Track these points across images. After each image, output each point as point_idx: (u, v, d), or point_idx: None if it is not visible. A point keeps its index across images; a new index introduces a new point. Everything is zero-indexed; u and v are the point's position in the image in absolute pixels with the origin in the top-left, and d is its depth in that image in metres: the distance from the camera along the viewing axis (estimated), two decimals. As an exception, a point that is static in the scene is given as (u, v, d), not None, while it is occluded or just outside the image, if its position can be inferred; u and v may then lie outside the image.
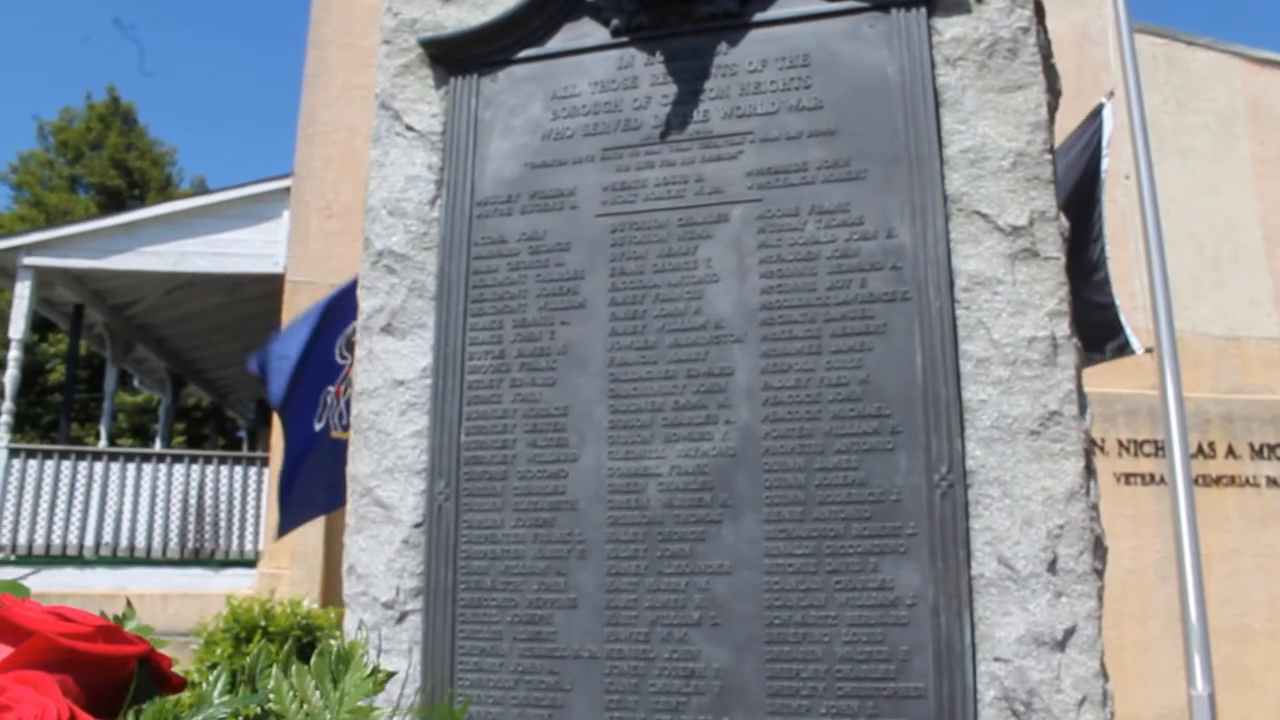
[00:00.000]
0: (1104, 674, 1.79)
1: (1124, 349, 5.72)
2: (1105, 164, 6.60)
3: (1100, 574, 1.84)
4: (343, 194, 9.47)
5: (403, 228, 2.23)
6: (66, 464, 10.76)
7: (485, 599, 1.97)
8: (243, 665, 0.61)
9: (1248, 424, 8.86)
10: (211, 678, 0.58)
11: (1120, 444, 8.07)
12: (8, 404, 10.85)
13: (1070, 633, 1.78)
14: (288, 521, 5.60)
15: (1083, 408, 1.89)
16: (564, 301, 2.06)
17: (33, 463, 10.69)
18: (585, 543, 1.93)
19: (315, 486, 5.43)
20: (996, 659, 1.77)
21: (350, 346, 5.40)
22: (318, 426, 5.40)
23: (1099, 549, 1.84)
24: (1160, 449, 7.72)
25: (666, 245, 2.03)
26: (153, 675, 0.56)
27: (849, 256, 1.94)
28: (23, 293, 10.95)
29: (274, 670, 0.56)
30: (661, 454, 1.93)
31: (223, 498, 10.81)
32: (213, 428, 21.50)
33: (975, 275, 1.91)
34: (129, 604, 0.74)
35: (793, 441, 1.88)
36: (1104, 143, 6.51)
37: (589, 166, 2.11)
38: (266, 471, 10.40)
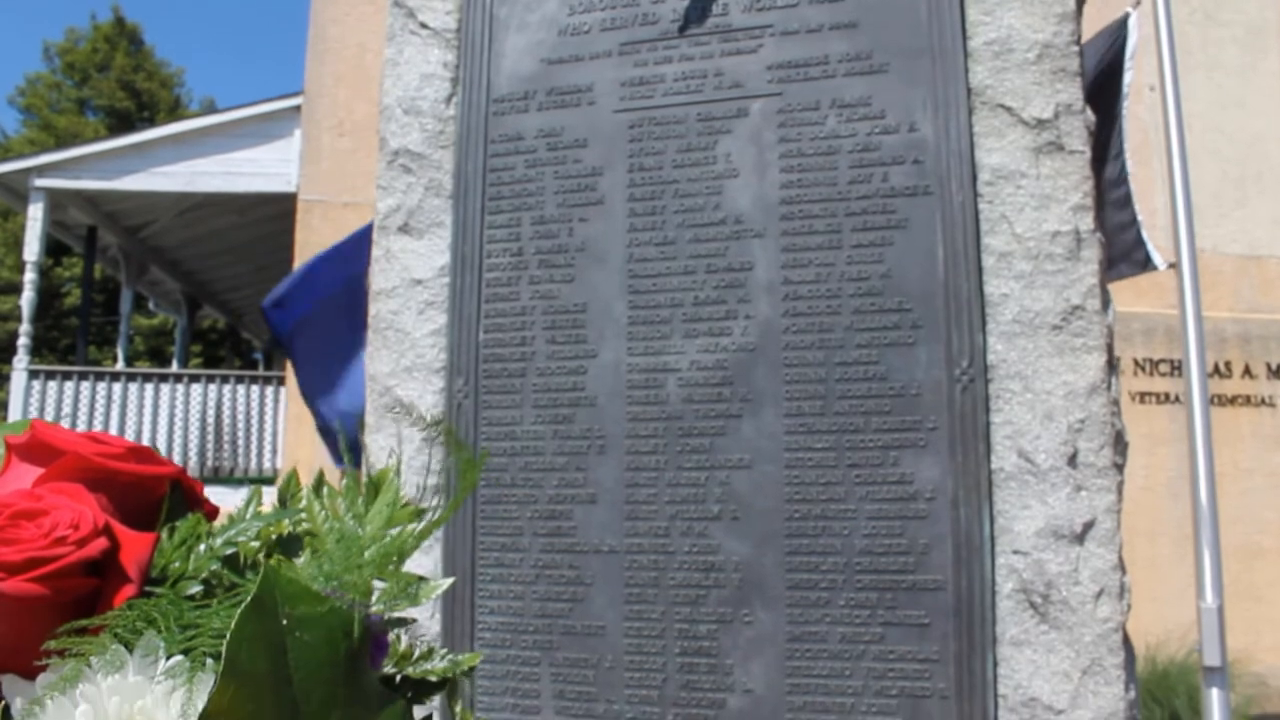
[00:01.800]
0: (1121, 567, 1.80)
1: (1146, 264, 5.66)
2: (1129, 78, 6.47)
3: (1120, 469, 1.84)
4: (355, 112, 9.38)
5: (418, 126, 2.20)
6: (85, 385, 10.85)
7: (505, 495, 1.98)
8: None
9: (1265, 344, 8.80)
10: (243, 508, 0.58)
11: (1136, 363, 8.04)
12: (25, 326, 10.91)
13: (1089, 526, 1.78)
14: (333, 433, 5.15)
15: (1105, 303, 1.87)
16: (582, 198, 2.04)
17: (52, 384, 10.78)
18: (605, 438, 1.93)
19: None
20: (1015, 552, 1.78)
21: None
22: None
23: (1119, 444, 1.84)
24: (1176, 368, 7.69)
25: (685, 141, 2.00)
26: (184, 499, 0.56)
27: (870, 151, 1.91)
28: (36, 215, 10.94)
29: (305, 493, 0.56)
30: (681, 349, 1.92)
31: (240, 417, 10.90)
32: (229, 349, 21.59)
33: (998, 169, 1.89)
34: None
35: (813, 336, 1.87)
36: (1128, 55, 6.37)
37: (606, 62, 2.08)
38: (283, 390, 10.46)
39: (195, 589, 0.49)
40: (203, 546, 0.51)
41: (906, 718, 1.76)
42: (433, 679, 0.54)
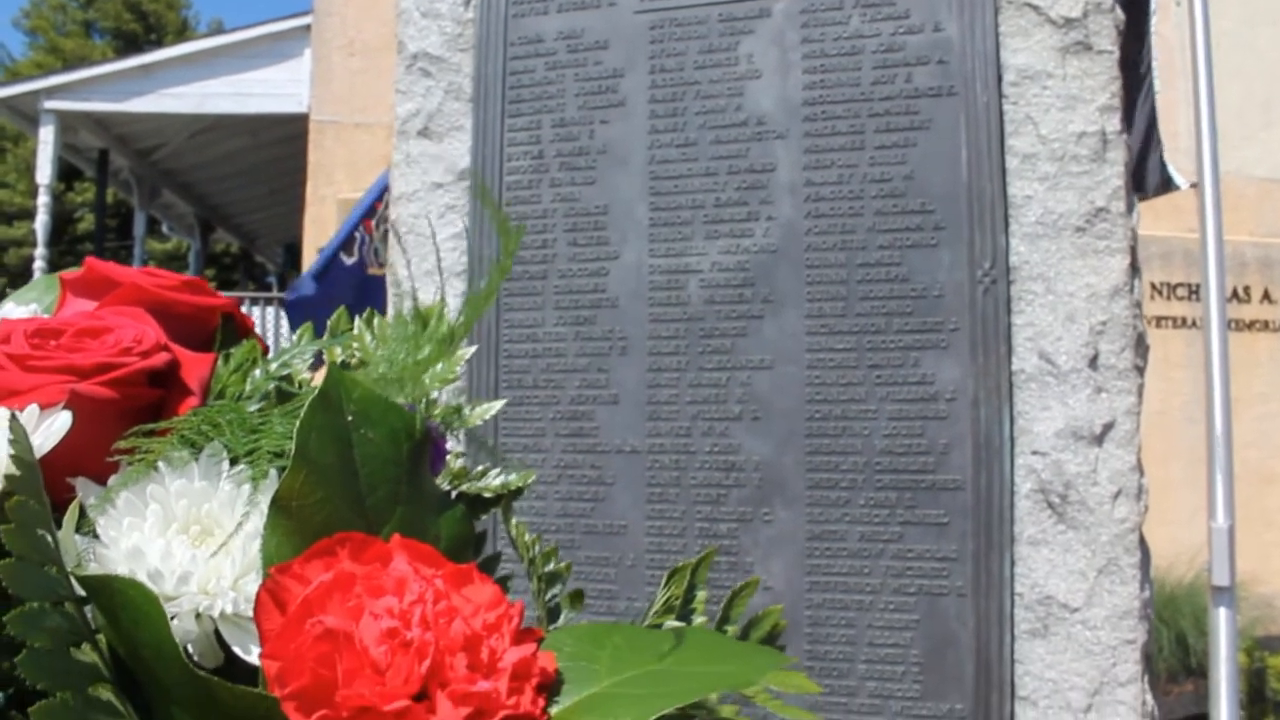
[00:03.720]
0: (1140, 469, 1.81)
1: (1168, 185, 5.59)
2: (1157, -8, 6.32)
3: (1141, 371, 1.84)
4: (365, 32, 9.27)
5: (437, 29, 2.18)
6: (100, 308, 10.86)
7: (527, 396, 2.00)
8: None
9: (1286, 269, 8.72)
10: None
11: (1153, 287, 7.99)
12: (41, 250, 10.92)
13: (1109, 427, 1.79)
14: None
15: (1130, 206, 1.86)
16: (603, 100, 2.02)
17: (67, 306, 10.80)
18: (626, 339, 1.94)
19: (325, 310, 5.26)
20: (1034, 452, 1.79)
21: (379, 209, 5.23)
22: (349, 261, 5.35)
23: (1140, 346, 1.84)
24: (1194, 292, 7.63)
25: (707, 41, 1.98)
26: (236, 331, 0.58)
27: (894, 51, 1.89)
28: (47, 138, 10.89)
29: (356, 325, 0.57)
30: (702, 251, 1.92)
31: (255, 340, 10.92)
32: (242, 273, 21.62)
33: (1024, 69, 1.86)
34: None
35: (835, 237, 1.87)
36: (1156, -33, 6.23)
37: (627, -39, 2.05)
38: (297, 314, 10.48)
39: (254, 409, 0.50)
40: (258, 371, 0.53)
41: (924, 615, 1.79)
42: (487, 495, 0.56)
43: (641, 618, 0.54)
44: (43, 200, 11.04)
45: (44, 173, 10.96)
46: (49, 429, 0.43)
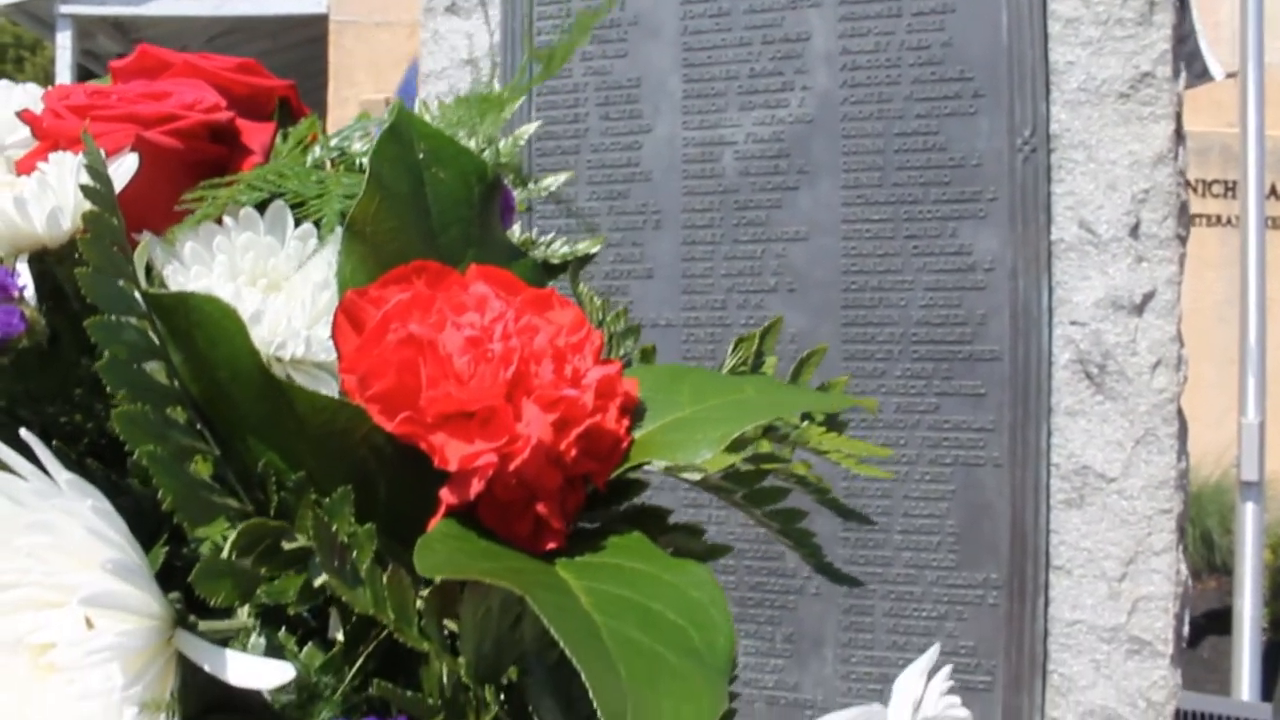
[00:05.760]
0: (1179, 339, 1.79)
1: (1203, 76, 5.46)
2: None
3: (1183, 240, 1.81)
4: (383, -69, 9.08)
5: (462, -99, 2.13)
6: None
7: (560, 274, 1.99)
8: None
9: (1325, 167, 8.54)
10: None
11: (1188, 184, 7.84)
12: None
13: (1149, 297, 1.77)
14: None
15: (1176, 71, 1.81)
16: (633, -30, 1.98)
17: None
18: (660, 213, 1.92)
19: None
20: (1073, 322, 1.78)
21: None
22: None
23: (1183, 214, 1.81)
24: (1230, 189, 7.48)
25: (740, -93, 1.93)
26: (292, 115, 0.57)
27: (934, -87, 1.83)
28: (64, 43, 10.78)
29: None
30: (737, 122, 1.89)
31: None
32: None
33: (1069, -70, 1.81)
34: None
35: (871, 106, 1.83)
36: None
37: None
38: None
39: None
40: (318, 149, 0.52)
41: (960, 485, 1.79)
42: (554, 262, 0.56)
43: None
44: (63, 111, 10.97)
45: (63, 79, 10.89)
46: (116, 171, 0.42)
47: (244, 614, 0.38)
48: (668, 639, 0.30)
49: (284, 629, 0.37)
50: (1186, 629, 1.87)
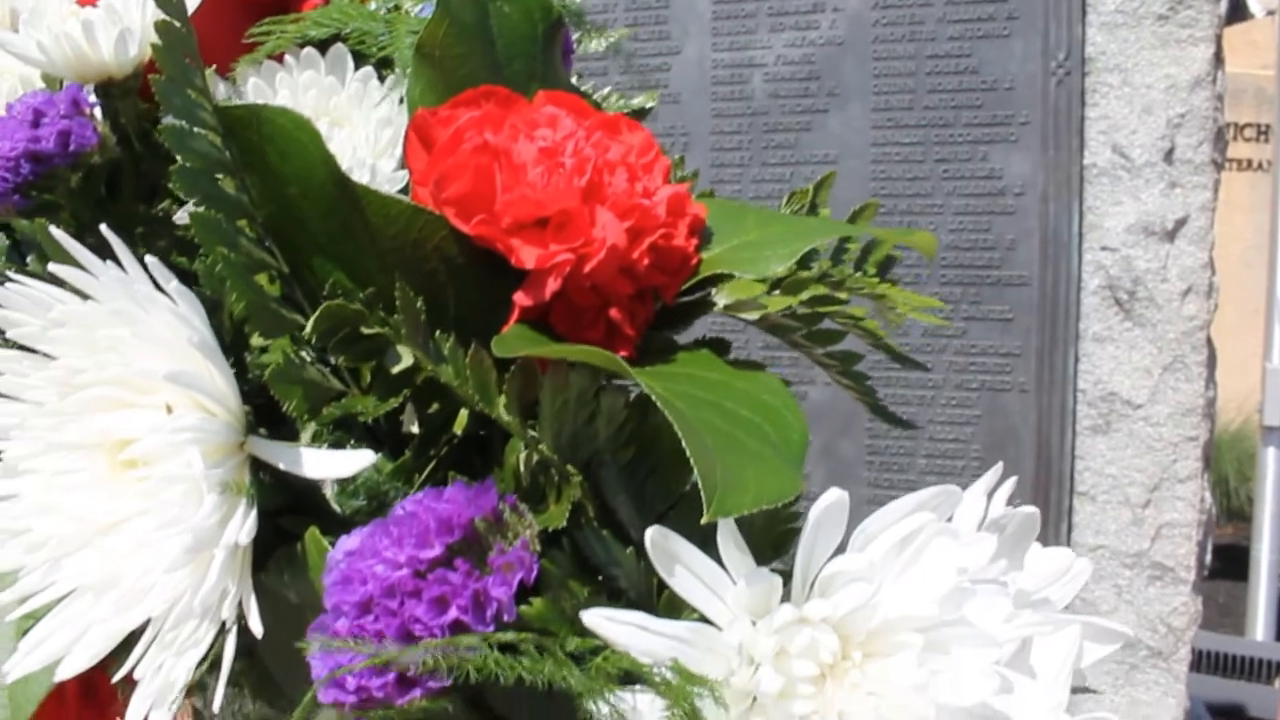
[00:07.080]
0: (1211, 267, 1.78)
1: (1239, 12, 5.36)
2: None
3: (1219, 166, 1.79)
4: None
5: None
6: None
7: (586, 198, 1.98)
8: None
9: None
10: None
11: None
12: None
13: (1182, 223, 1.75)
14: None
15: (1217, -8, 1.78)
16: (663, -111, 1.95)
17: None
18: (689, 135, 1.91)
19: None
20: (1104, 248, 1.76)
21: None
22: None
23: (1219, 140, 1.79)
24: (1262, 133, 7.37)
25: None
26: None
27: None
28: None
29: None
30: (767, 44, 1.87)
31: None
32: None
33: None
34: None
35: (903, 29, 1.81)
36: None
37: None
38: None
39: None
40: (373, 4, 0.52)
41: (985, 410, 1.79)
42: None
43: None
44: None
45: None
46: (184, -2, 0.42)
47: (307, 437, 0.39)
48: (746, 431, 0.30)
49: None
50: (1209, 558, 1.87)
